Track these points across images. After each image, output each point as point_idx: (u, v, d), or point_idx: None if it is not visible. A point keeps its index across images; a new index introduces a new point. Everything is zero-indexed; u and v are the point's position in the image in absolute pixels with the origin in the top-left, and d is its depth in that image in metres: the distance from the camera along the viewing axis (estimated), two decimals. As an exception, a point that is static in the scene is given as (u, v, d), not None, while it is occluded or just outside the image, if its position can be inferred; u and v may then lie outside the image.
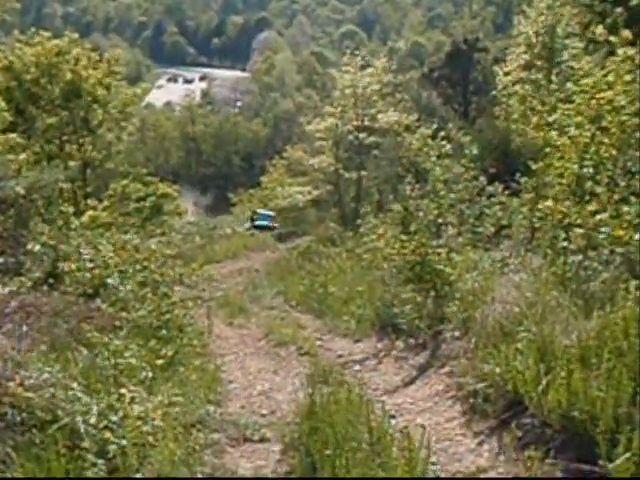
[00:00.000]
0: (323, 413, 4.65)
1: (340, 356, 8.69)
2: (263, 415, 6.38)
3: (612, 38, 7.35)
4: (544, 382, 4.14)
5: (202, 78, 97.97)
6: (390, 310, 8.75)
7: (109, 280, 9.60)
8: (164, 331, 8.01)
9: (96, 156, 21.62)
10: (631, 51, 6.54)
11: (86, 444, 4.76)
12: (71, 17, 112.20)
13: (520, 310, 5.51)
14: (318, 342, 9.60)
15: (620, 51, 6.70)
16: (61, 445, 4.47)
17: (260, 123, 75.06)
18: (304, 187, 24.65)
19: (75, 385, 5.63)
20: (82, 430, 4.65)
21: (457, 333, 6.61)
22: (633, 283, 4.62)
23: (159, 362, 7.15)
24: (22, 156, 16.18)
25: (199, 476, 3.85)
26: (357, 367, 8.02)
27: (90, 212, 18.00)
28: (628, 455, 3.25)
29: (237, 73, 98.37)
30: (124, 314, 8.43)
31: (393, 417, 5.75)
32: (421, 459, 3.83)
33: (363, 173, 22.47)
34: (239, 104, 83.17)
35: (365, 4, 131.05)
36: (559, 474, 3.84)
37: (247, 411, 6.50)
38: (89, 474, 4.55)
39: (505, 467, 4.22)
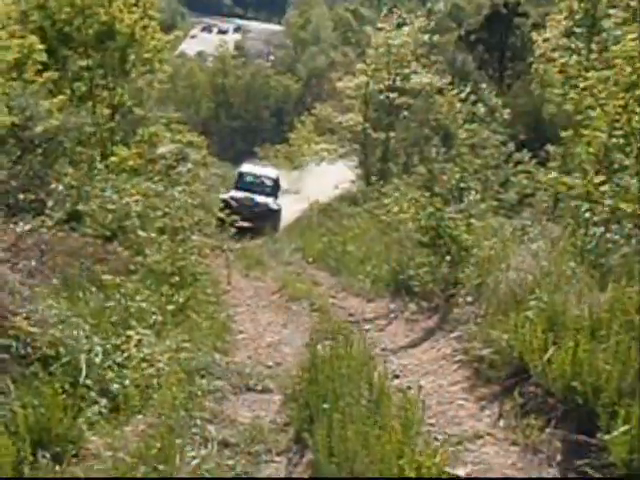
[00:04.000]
0: (323, 367, 4.62)
1: (351, 314, 8.68)
2: (269, 366, 6.39)
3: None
4: (550, 351, 4.06)
5: (236, 29, 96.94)
6: (405, 272, 8.69)
7: (127, 223, 9.67)
8: (177, 277, 8.02)
9: (126, 101, 21.55)
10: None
11: (88, 381, 4.79)
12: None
13: (534, 279, 5.41)
14: (331, 300, 9.59)
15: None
16: (62, 381, 4.49)
17: (292, 78, 74.34)
18: (331, 145, 24.39)
19: (82, 324, 5.68)
20: (84, 368, 4.66)
21: (470, 298, 6.54)
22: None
23: (170, 307, 7.20)
24: (55, 100, 16.18)
25: (206, 475, 3.82)
26: (367, 326, 8.00)
27: (116, 156, 18.01)
28: (625, 428, 3.18)
29: (272, 26, 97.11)
30: (139, 258, 8.49)
31: (397, 377, 5.74)
32: (417, 419, 3.78)
33: (391, 134, 22.15)
34: (272, 58, 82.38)
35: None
36: (557, 443, 3.78)
37: (253, 361, 6.51)
38: (89, 412, 4.59)
39: (503, 433, 4.17)
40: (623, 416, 3.23)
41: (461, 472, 3.82)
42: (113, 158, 18.17)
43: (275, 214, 19.93)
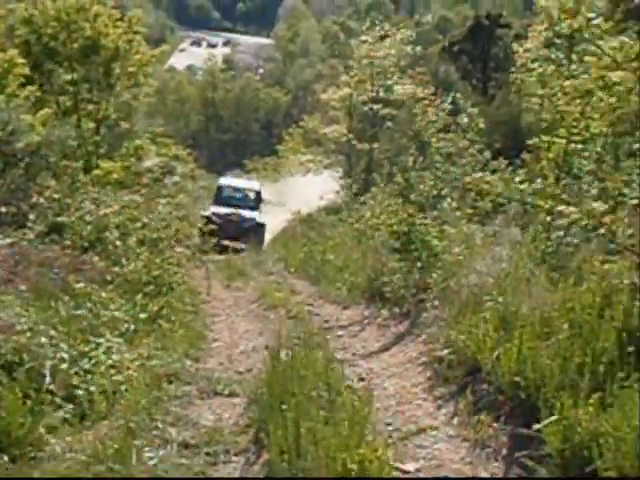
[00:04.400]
0: (285, 370, 4.72)
1: (327, 321, 8.78)
2: (239, 372, 6.47)
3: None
4: (499, 350, 4.18)
5: (226, 43, 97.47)
6: (379, 279, 8.80)
7: (106, 235, 9.76)
8: (151, 287, 8.11)
9: (111, 114, 21.67)
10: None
11: (52, 387, 4.86)
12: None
13: (494, 281, 5.53)
14: (308, 307, 9.68)
15: None
16: (25, 386, 4.56)
17: (281, 91, 74.70)
18: (316, 156, 24.55)
19: (52, 331, 5.76)
20: (47, 374, 4.74)
21: (436, 302, 6.65)
22: (599, 258, 4.63)
23: (142, 316, 7.27)
24: (40, 112, 16.30)
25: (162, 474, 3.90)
26: (340, 332, 8.10)
27: (99, 169, 18.13)
28: (554, 418, 3.28)
29: (261, 40, 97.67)
30: (116, 268, 8.57)
31: (362, 380, 5.85)
32: (364, 416, 3.88)
33: (375, 145, 22.33)
34: (261, 71, 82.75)
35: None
36: (504, 438, 3.89)
37: (224, 367, 6.60)
38: (53, 416, 4.66)
39: (456, 430, 4.28)
40: (558, 408, 3.33)
41: (411, 467, 3.92)
42: (97, 171, 18.27)
43: (262, 229, 19.07)
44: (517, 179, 6.97)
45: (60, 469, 3.66)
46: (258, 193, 21.08)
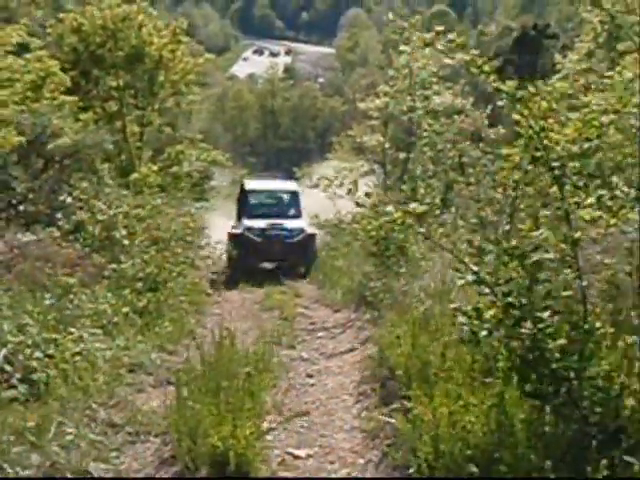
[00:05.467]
0: (219, 364, 5.02)
1: (313, 323, 9.06)
2: (205, 365, 6.79)
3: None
4: (401, 348, 4.39)
5: (288, 52, 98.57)
6: (366, 283, 9.03)
7: (114, 233, 10.28)
8: (141, 283, 8.53)
9: (155, 120, 22.45)
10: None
11: (9, 369, 5.29)
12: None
13: (435, 285, 5.72)
14: (302, 310, 9.98)
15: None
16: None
17: (339, 100, 75.10)
18: (355, 164, 24.79)
19: (27, 319, 6.22)
20: (1, 356, 5.16)
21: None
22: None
23: (125, 310, 7.69)
24: (82, 117, 17.10)
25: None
26: (321, 334, 8.36)
27: (137, 173, 18.80)
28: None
29: (323, 49, 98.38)
30: (114, 265, 9.05)
31: (310, 376, 6.13)
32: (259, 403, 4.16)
33: (411, 155, 22.45)
34: (321, 80, 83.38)
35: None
36: (388, 430, 4.10)
37: (193, 360, 6.94)
38: (7, 394, 5.07)
39: (359, 422, 4.53)
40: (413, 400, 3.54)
41: (303, 453, 4.18)
42: (136, 175, 18.96)
43: (313, 242, 14.32)
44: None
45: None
46: (297, 194, 15.87)
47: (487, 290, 3.25)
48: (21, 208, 11.59)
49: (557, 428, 2.91)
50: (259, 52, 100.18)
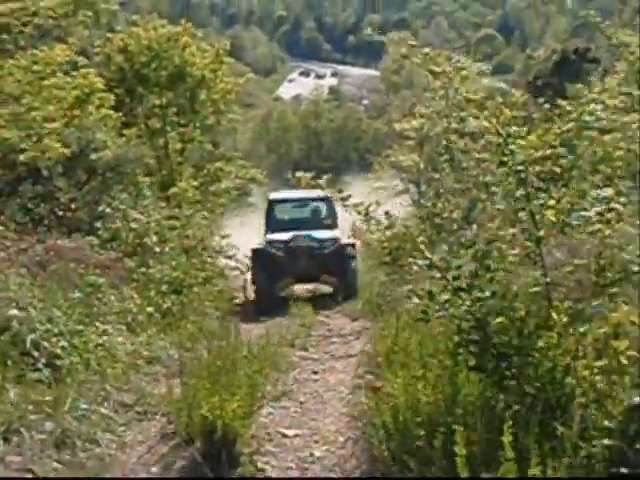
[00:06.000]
0: (223, 354, 5.42)
1: (330, 330, 9.41)
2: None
3: None
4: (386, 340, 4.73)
5: (334, 74, 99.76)
6: (383, 293, 9.36)
7: (145, 240, 10.83)
8: (167, 286, 9.02)
9: (196, 137, 23.21)
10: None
11: (35, 353, 5.78)
12: (216, 8, 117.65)
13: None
14: (322, 318, 10.33)
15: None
16: (7, 348, 5.50)
17: (383, 122, 75.62)
18: (389, 183, 25.20)
19: (56, 312, 6.72)
20: (28, 340, 5.65)
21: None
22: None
23: (149, 309, 8.17)
24: (126, 132, 17.88)
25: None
26: (336, 339, 8.71)
27: (176, 188, 19.48)
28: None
29: (368, 71, 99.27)
30: (143, 269, 9.58)
31: (315, 373, 6.50)
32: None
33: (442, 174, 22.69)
34: (365, 102, 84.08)
35: (508, 9, 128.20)
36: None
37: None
38: (33, 376, 5.56)
39: (347, 409, 4.87)
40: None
41: (291, 433, 4.55)
42: (174, 189, 19.64)
43: (351, 253, 12.16)
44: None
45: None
46: (329, 202, 12.75)
47: (438, 275, 3.58)
48: (63, 217, 12.23)
49: (498, 399, 3.22)
50: (305, 74, 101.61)
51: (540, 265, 3.93)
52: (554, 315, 3.54)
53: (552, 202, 3.93)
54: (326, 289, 12.58)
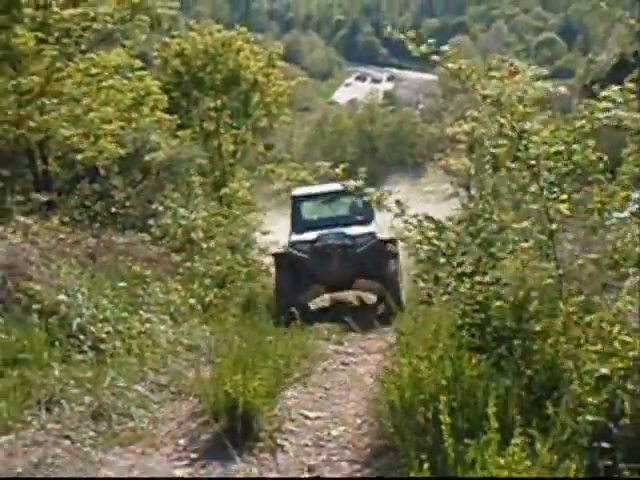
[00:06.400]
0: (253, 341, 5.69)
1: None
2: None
3: None
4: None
5: (390, 78, 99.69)
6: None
7: (192, 236, 11.22)
8: (208, 280, 9.35)
9: (249, 139, 23.70)
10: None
11: (81, 336, 6.16)
12: (275, 13, 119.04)
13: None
14: (353, 334, 10.29)
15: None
16: (55, 330, 5.90)
17: (438, 126, 75.26)
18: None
19: (103, 300, 7.11)
20: (74, 324, 6.03)
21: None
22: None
23: (191, 301, 8.52)
24: (180, 134, 18.44)
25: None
26: (373, 335, 8.82)
27: (227, 189, 19.95)
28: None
29: (425, 75, 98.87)
30: (188, 263, 9.95)
31: (346, 365, 6.72)
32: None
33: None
34: (421, 106, 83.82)
35: (570, 12, 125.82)
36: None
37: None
38: (78, 357, 5.93)
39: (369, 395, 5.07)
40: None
41: (313, 415, 4.77)
42: (225, 190, 20.11)
43: (392, 250, 9.60)
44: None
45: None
46: (364, 207, 10.74)
47: (443, 260, 3.75)
48: (118, 214, 12.74)
49: (496, 379, 3.37)
50: (362, 78, 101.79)
51: (553, 258, 4.06)
52: (561, 305, 3.68)
53: (564, 196, 4.06)
54: (368, 297, 10.92)
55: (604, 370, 2.87)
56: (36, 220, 8.94)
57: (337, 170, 4.89)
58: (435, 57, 4.26)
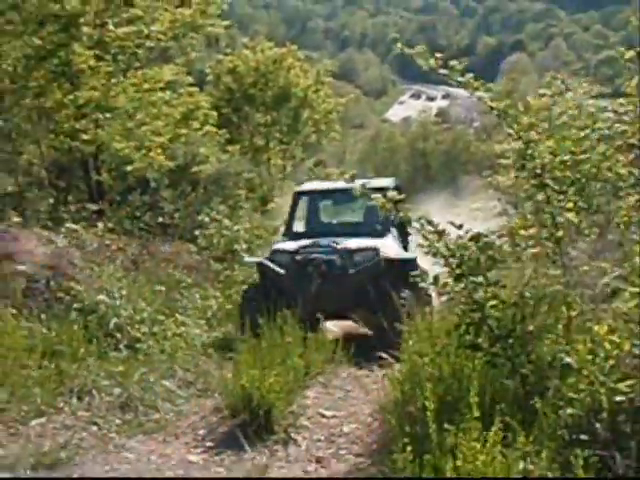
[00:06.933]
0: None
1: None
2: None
3: None
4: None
5: (445, 96, 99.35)
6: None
7: (235, 247, 11.55)
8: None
9: (298, 154, 24.12)
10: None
11: (118, 335, 6.49)
12: (331, 32, 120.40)
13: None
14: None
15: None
16: (94, 328, 6.24)
17: (492, 144, 74.72)
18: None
19: (141, 302, 7.45)
20: (111, 323, 6.37)
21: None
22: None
23: (228, 307, 8.79)
24: (231, 148, 18.95)
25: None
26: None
27: (273, 203, 20.32)
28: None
29: (480, 93, 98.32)
30: (228, 271, 10.27)
31: (371, 370, 6.85)
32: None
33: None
34: (475, 124, 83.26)
35: (631, 29, 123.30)
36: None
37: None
38: (112, 353, 6.26)
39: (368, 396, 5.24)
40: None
41: (329, 413, 4.96)
42: (272, 204, 20.48)
43: (402, 274, 6.33)
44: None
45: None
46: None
47: (442, 261, 3.91)
48: (166, 225, 13.18)
49: (490, 375, 3.52)
50: (416, 96, 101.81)
51: (560, 264, 4.18)
52: (564, 309, 3.80)
53: (570, 205, 4.19)
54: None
55: (568, 359, 3.00)
56: (84, 227, 9.38)
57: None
58: (443, 70, 4.38)
